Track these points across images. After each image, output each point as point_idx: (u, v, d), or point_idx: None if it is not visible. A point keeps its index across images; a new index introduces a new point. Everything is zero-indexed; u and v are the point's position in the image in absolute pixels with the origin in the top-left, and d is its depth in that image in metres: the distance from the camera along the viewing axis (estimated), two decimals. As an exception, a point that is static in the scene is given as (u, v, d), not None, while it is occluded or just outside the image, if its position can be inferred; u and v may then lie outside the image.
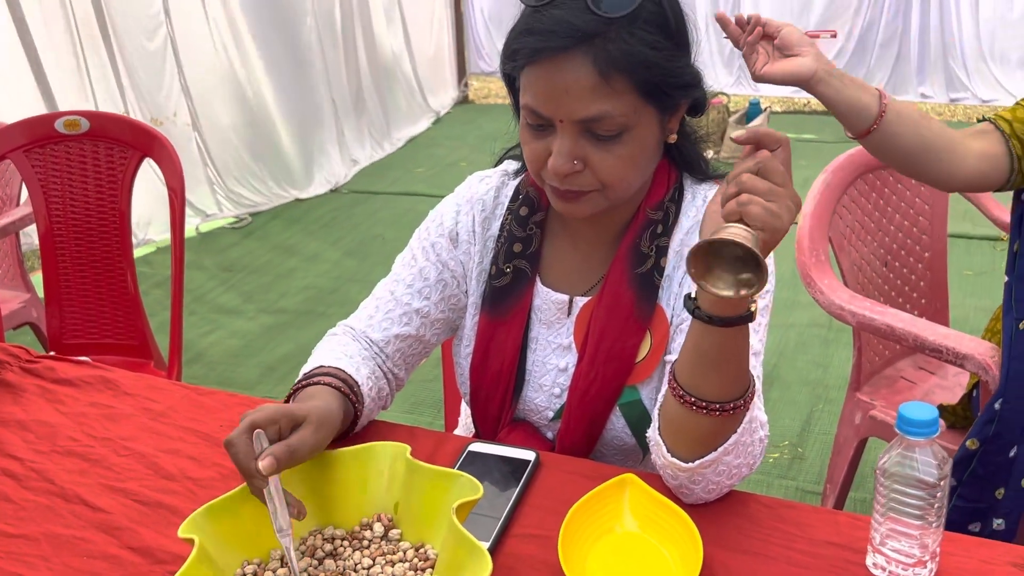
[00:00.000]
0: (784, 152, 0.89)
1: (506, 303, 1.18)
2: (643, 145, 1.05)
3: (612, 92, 0.99)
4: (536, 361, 1.19)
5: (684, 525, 0.93)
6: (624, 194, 1.09)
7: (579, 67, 0.98)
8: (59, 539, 1.02)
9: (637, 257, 1.13)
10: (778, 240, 0.86)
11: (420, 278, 1.21)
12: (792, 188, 0.87)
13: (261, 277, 3.83)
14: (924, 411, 0.84)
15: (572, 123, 1.01)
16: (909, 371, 1.98)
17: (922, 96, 6.00)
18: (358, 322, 1.22)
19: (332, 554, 0.94)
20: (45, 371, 1.36)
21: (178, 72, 4.23)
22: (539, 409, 1.20)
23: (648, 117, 1.04)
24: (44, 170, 2.04)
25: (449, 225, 1.22)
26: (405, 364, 1.23)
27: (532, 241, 1.19)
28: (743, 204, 0.85)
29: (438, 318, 1.22)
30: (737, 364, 0.94)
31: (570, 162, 1.03)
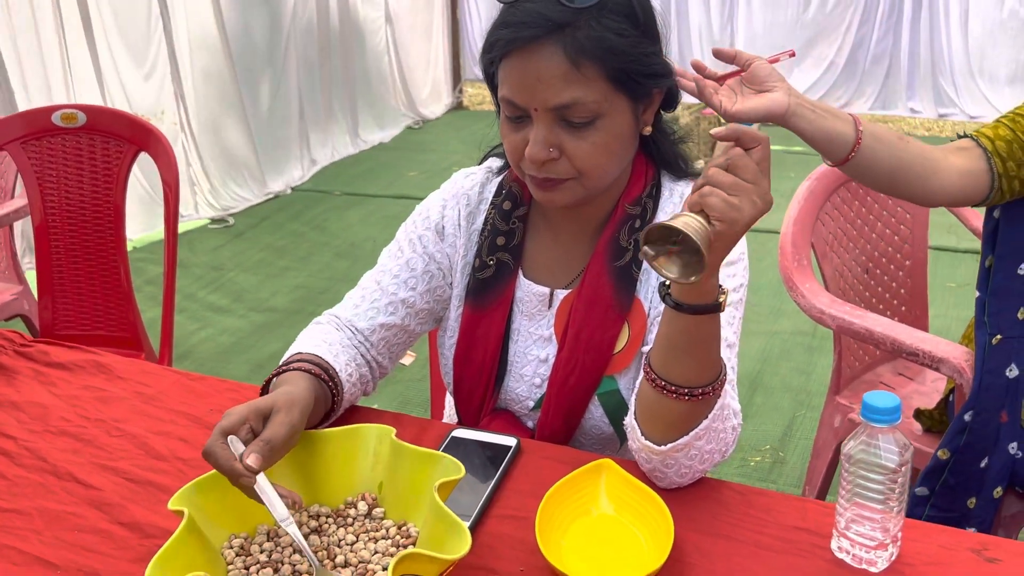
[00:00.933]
0: (761, 151, 0.92)
1: (489, 295, 1.22)
2: (616, 133, 1.09)
3: (583, 79, 1.04)
4: (518, 352, 1.23)
5: (657, 508, 0.96)
6: (600, 182, 1.12)
7: (551, 56, 1.03)
8: (51, 514, 1.05)
9: (616, 251, 1.17)
10: (737, 232, 0.89)
11: (407, 269, 1.25)
12: (764, 186, 0.91)
13: (252, 277, 3.86)
14: (887, 399, 0.88)
15: (546, 111, 1.05)
16: (888, 376, 2.02)
17: (911, 111, 6.08)
18: (344, 311, 1.25)
19: (317, 530, 0.97)
20: (39, 355, 1.39)
21: (170, 71, 4.25)
22: (520, 399, 1.23)
23: (620, 105, 1.08)
24: (40, 162, 2.07)
25: (435, 219, 1.26)
26: (389, 353, 1.27)
27: (515, 235, 1.23)
28: (704, 195, 0.89)
29: (423, 308, 1.26)
30: (706, 351, 0.98)
31: (546, 149, 1.07)
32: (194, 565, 0.84)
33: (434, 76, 6.56)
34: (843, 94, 6.17)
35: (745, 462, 2.51)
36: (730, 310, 1.12)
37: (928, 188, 1.35)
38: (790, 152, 5.38)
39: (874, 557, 0.91)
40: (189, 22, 4.34)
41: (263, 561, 0.92)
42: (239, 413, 0.95)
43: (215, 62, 4.52)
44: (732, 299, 1.13)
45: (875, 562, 0.91)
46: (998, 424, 1.48)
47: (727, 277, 1.13)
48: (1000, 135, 1.40)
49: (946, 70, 5.91)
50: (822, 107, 1.28)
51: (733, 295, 1.13)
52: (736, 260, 1.15)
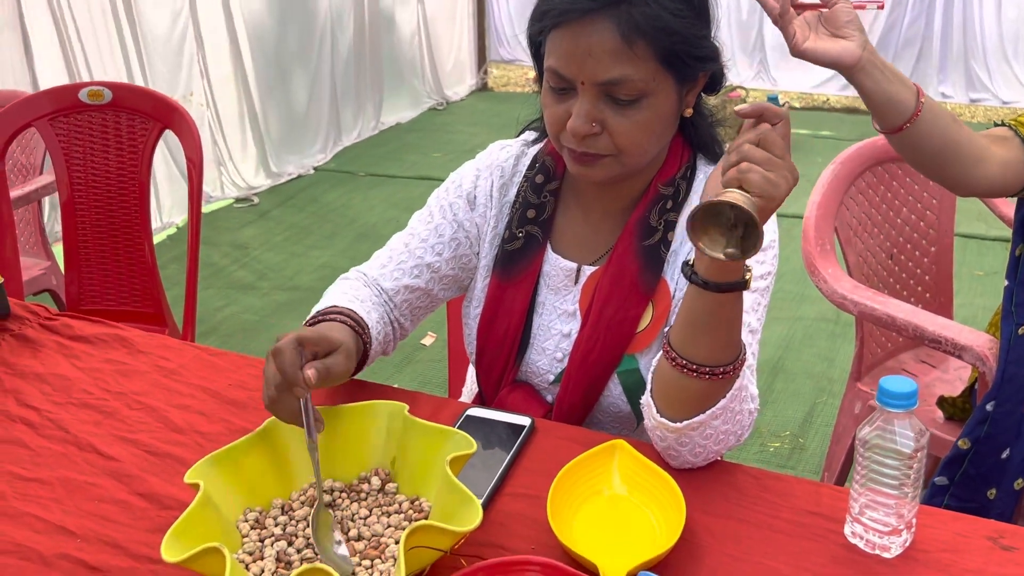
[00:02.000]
0: (784, 127, 0.93)
1: (516, 267, 1.23)
2: (660, 113, 1.09)
3: (633, 57, 1.03)
4: (541, 325, 1.23)
5: (670, 490, 0.96)
6: (638, 161, 1.12)
7: (603, 30, 1.02)
8: (72, 483, 1.07)
9: (646, 230, 1.17)
10: (773, 208, 0.90)
11: (435, 234, 1.26)
12: (791, 161, 0.91)
13: (275, 255, 3.88)
14: (903, 384, 0.87)
15: (592, 85, 1.05)
16: (911, 364, 2.00)
17: (942, 96, 5.98)
18: (371, 269, 1.26)
19: (331, 505, 0.98)
20: (63, 328, 1.41)
21: (197, 51, 4.27)
22: (540, 372, 1.23)
23: (666, 86, 1.08)
24: (67, 139, 2.09)
25: (468, 188, 1.27)
26: (412, 315, 1.28)
27: (545, 208, 1.23)
28: (743, 172, 0.89)
29: (447, 274, 1.27)
30: (727, 330, 0.97)
31: (588, 124, 1.07)
32: (209, 537, 0.85)
33: (458, 57, 6.54)
34: (873, 78, 6.07)
35: (764, 448, 2.51)
36: (755, 296, 1.11)
37: (970, 175, 1.32)
38: (817, 136, 5.33)
39: (888, 543, 0.91)
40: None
41: (277, 534, 0.93)
42: (314, 333, 0.99)
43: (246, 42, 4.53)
44: (759, 285, 1.12)
45: (889, 547, 0.91)
46: (1021, 415, 1.46)
47: (757, 263, 1.13)
48: None
49: (979, 53, 5.81)
50: (891, 69, 1.24)
51: (760, 281, 1.12)
52: (767, 247, 1.14)
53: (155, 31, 4.03)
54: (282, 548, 0.91)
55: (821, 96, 6.18)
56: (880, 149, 1.92)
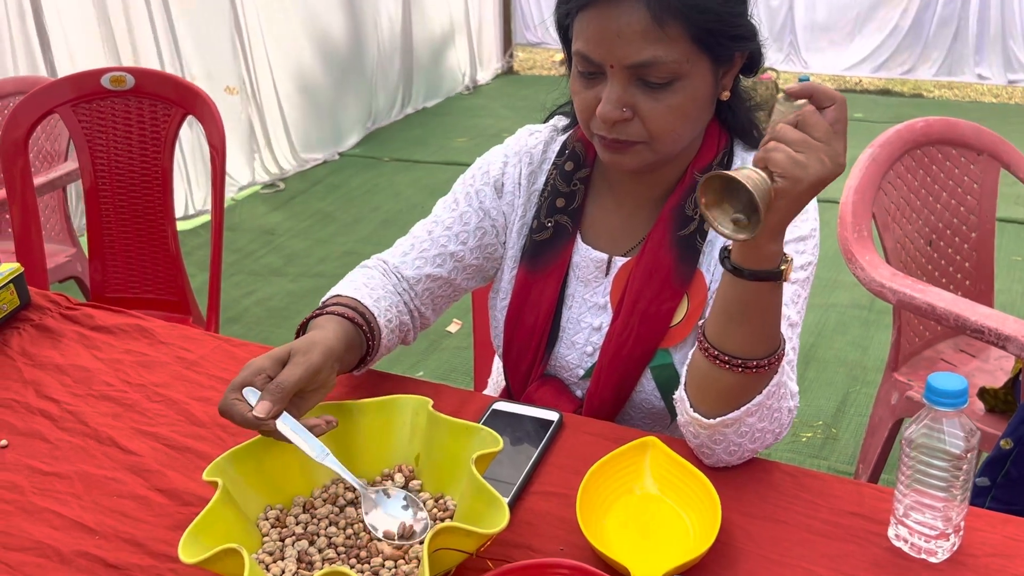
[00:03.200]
0: (837, 111, 0.87)
1: (545, 257, 1.18)
2: (694, 96, 1.03)
3: (665, 37, 0.98)
4: (571, 318, 1.19)
5: (704, 489, 0.93)
6: (672, 147, 1.07)
7: (632, 11, 0.98)
8: (91, 478, 1.05)
9: (680, 220, 1.12)
10: (801, 192, 0.85)
11: (460, 222, 1.21)
12: (836, 147, 0.85)
13: (301, 241, 3.87)
14: (953, 382, 0.82)
15: (622, 68, 1.00)
16: (949, 353, 1.94)
17: (979, 77, 5.84)
18: (392, 257, 1.22)
19: (353, 502, 0.95)
20: (84, 318, 1.39)
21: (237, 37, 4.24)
22: (570, 366, 1.20)
23: (701, 67, 1.02)
24: (90, 125, 2.07)
25: (495, 174, 1.22)
26: (433, 304, 1.23)
27: (575, 197, 1.18)
28: (768, 150, 0.84)
29: (471, 264, 1.23)
30: (763, 321, 0.93)
31: (619, 109, 1.02)
32: (228, 537, 0.83)
33: (485, 40, 6.48)
34: (907, 59, 5.95)
35: (797, 438, 2.46)
36: (795, 288, 1.07)
37: None
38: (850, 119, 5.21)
39: (934, 547, 0.87)
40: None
41: (298, 533, 0.91)
42: (255, 366, 0.92)
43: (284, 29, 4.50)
44: (799, 277, 1.07)
45: (935, 552, 0.87)
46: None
47: (796, 253, 1.08)
48: None
49: (1017, 34, 5.66)
50: None
51: (800, 272, 1.07)
52: (807, 236, 1.09)
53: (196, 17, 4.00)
54: (303, 548, 0.88)
55: (853, 78, 6.06)
56: (919, 132, 1.86)
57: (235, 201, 4.30)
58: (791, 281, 1.05)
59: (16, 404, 1.19)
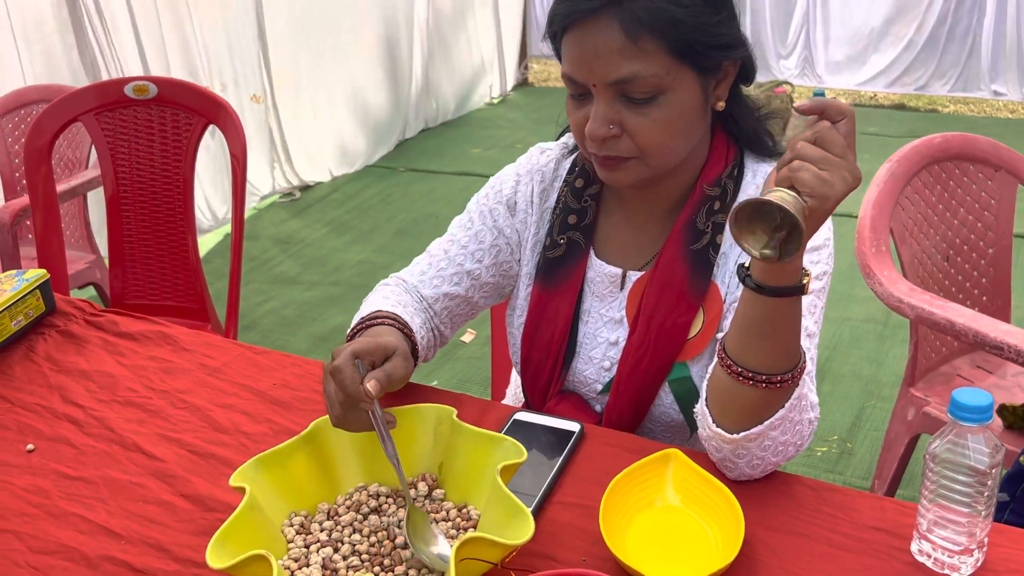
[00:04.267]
0: (848, 124, 0.88)
1: (559, 274, 1.19)
2: (681, 109, 1.04)
3: (641, 52, 1.00)
4: (587, 333, 1.20)
5: (727, 502, 0.93)
6: (665, 161, 1.08)
7: (607, 29, 1.00)
8: (116, 483, 1.06)
9: (693, 233, 1.13)
10: (828, 209, 0.85)
11: (475, 240, 1.23)
12: (852, 161, 0.86)
13: (316, 250, 3.89)
14: (978, 397, 0.83)
15: (605, 86, 1.02)
16: (966, 369, 1.94)
17: (995, 94, 5.82)
18: (410, 276, 1.24)
19: (377, 510, 0.96)
20: (108, 324, 1.40)
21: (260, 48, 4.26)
22: (588, 382, 1.20)
23: (685, 79, 1.03)
24: (113, 134, 2.09)
25: (508, 193, 1.24)
26: (451, 322, 1.25)
27: (587, 213, 1.19)
28: (794, 170, 0.85)
29: (488, 282, 1.24)
30: (785, 337, 0.93)
31: (605, 126, 1.03)
32: (254, 543, 0.84)
33: (501, 52, 6.50)
34: (922, 75, 5.94)
35: (812, 452, 2.45)
36: (811, 298, 1.07)
37: None
38: (865, 133, 5.20)
39: (958, 563, 0.87)
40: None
41: (323, 540, 0.91)
42: (368, 343, 0.97)
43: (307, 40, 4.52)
44: (815, 287, 1.08)
45: (958, 567, 0.87)
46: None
47: (811, 263, 1.08)
48: None
49: (1034, 50, 5.64)
50: None
51: (816, 283, 1.08)
52: (821, 246, 1.10)
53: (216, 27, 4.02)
54: (328, 555, 0.89)
55: (868, 93, 6.05)
56: (937, 147, 1.86)
57: (256, 210, 4.32)
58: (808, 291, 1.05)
59: (42, 409, 1.21)
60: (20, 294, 1.36)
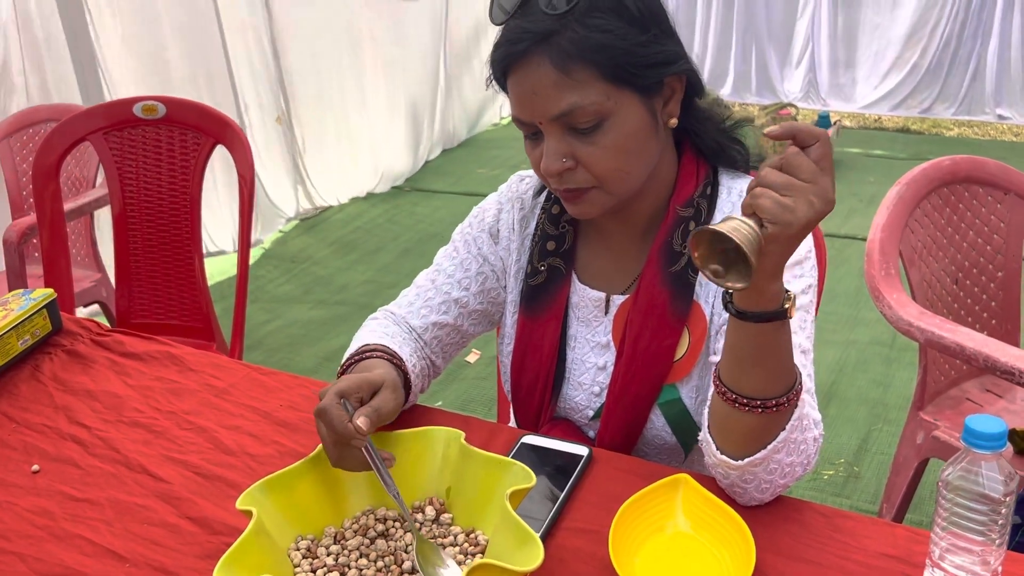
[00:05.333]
0: (820, 148, 0.86)
1: (541, 301, 1.19)
2: (628, 131, 1.04)
3: (576, 83, 1.00)
4: (575, 359, 1.20)
5: (737, 528, 0.92)
6: (625, 186, 1.07)
7: (539, 67, 1.01)
8: (121, 505, 1.05)
9: (670, 256, 1.13)
10: (793, 235, 0.84)
11: (461, 269, 1.24)
12: (824, 185, 0.84)
13: (321, 269, 3.89)
14: (992, 424, 0.82)
15: (550, 122, 1.03)
16: (975, 392, 1.92)
17: (999, 117, 5.84)
18: (398, 308, 1.24)
19: (384, 534, 0.95)
20: (114, 344, 1.40)
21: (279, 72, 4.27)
22: (579, 408, 1.20)
23: (627, 102, 1.03)
24: (121, 153, 2.10)
25: (490, 221, 1.25)
26: (443, 352, 1.25)
27: (565, 239, 1.20)
28: (755, 196, 0.84)
29: (476, 309, 1.24)
30: (777, 360, 0.93)
31: (558, 160, 1.04)
32: (261, 567, 0.83)
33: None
34: (926, 99, 5.96)
35: (818, 475, 2.44)
36: (800, 314, 1.06)
37: None
38: (870, 156, 5.23)
39: (972, 592, 0.86)
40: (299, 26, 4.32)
41: (329, 564, 0.90)
42: (353, 381, 0.97)
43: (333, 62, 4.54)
44: (802, 302, 1.07)
45: (972, 597, 0.86)
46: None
47: (793, 278, 1.07)
48: None
49: (1038, 74, 5.66)
50: None
51: (802, 297, 1.07)
52: (803, 259, 1.09)
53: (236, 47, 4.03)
54: (334, 580, 0.88)
55: (872, 116, 6.07)
56: (946, 170, 1.86)
57: (283, 233, 4.29)
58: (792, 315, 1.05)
59: (48, 429, 1.20)
60: (27, 313, 1.36)
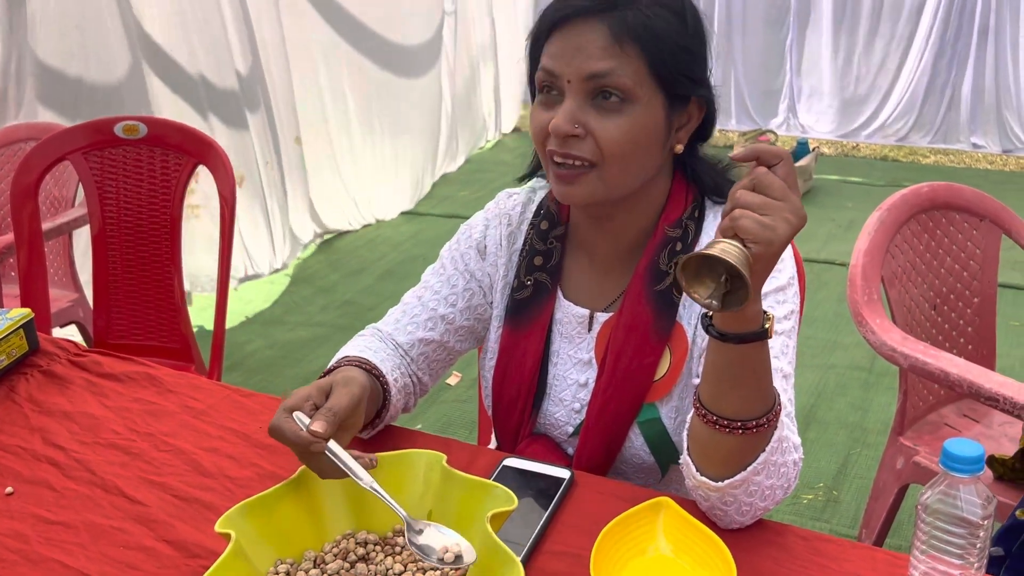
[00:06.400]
0: (785, 167, 0.88)
1: (526, 315, 1.20)
2: (644, 124, 1.06)
3: (623, 55, 1.03)
4: (557, 375, 1.20)
5: (718, 551, 0.92)
6: (620, 176, 1.08)
7: (595, 28, 1.04)
8: (97, 528, 1.04)
9: (655, 275, 1.14)
10: (775, 253, 0.85)
11: (448, 285, 1.24)
12: (795, 202, 0.87)
13: (301, 290, 3.88)
14: (970, 448, 0.83)
15: (580, 81, 1.04)
16: (953, 418, 1.94)
17: (974, 146, 5.93)
18: (385, 325, 1.25)
19: (364, 558, 0.94)
20: (92, 365, 1.39)
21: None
22: (559, 424, 1.20)
23: (654, 98, 1.06)
24: (101, 172, 2.09)
25: (478, 238, 1.25)
26: (429, 369, 1.25)
27: (552, 255, 1.21)
28: (735, 219, 0.85)
29: (462, 326, 1.25)
30: (756, 382, 0.93)
31: (571, 123, 1.05)
32: (239, 590, 0.82)
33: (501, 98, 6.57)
34: (903, 127, 6.05)
35: (798, 500, 2.44)
36: (782, 339, 1.07)
37: None
38: (847, 182, 5.29)
39: (951, 615, 0.86)
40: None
41: (309, 588, 0.89)
42: (301, 393, 0.97)
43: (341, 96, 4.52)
44: (784, 327, 1.08)
45: (952, 621, 0.86)
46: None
47: (776, 303, 1.09)
48: None
49: (1012, 105, 5.75)
50: None
51: (785, 323, 1.08)
52: (786, 285, 1.10)
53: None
54: (313, 604, 0.87)
55: (850, 143, 6.14)
56: (924, 197, 1.89)
57: (301, 260, 4.23)
58: (777, 332, 1.05)
59: (22, 451, 1.19)
60: (3, 333, 1.35)
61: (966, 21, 5.75)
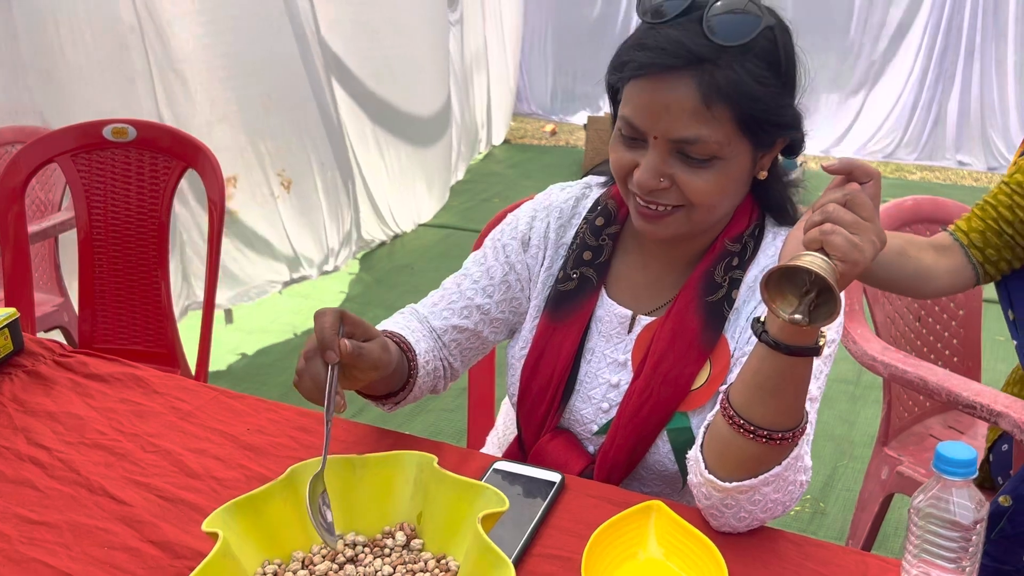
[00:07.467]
0: (874, 187, 0.89)
1: (568, 308, 1.19)
2: (730, 175, 1.06)
3: (711, 118, 1.00)
4: (589, 372, 1.19)
5: (710, 555, 0.92)
6: (707, 218, 1.09)
7: (683, 87, 1.00)
8: (81, 528, 1.02)
9: (709, 285, 1.13)
10: (856, 274, 0.85)
11: (486, 276, 1.24)
12: (878, 224, 0.87)
13: (289, 299, 3.86)
14: (963, 451, 0.83)
15: (665, 141, 1.02)
16: (938, 429, 1.95)
17: (959, 163, 5.99)
18: (422, 307, 1.26)
19: (353, 560, 0.93)
20: (78, 366, 1.37)
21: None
22: (584, 421, 1.19)
23: (741, 150, 1.05)
24: (89, 176, 2.07)
25: (523, 229, 1.25)
26: (461, 356, 1.26)
27: (602, 251, 1.20)
28: (826, 233, 0.84)
29: (497, 317, 1.25)
30: (793, 395, 0.93)
31: (656, 178, 1.04)
32: (226, 590, 0.81)
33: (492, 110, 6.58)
34: (889, 144, 6.10)
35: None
36: (819, 363, 1.07)
37: (924, 291, 1.50)
38: (834, 198, 5.32)
39: (943, 620, 0.86)
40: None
41: (296, 589, 0.88)
42: (358, 318, 0.99)
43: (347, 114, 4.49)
44: (825, 352, 1.07)
45: (943, 625, 0.86)
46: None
47: (827, 329, 1.06)
48: (973, 227, 1.52)
49: (997, 124, 5.82)
50: None
51: (825, 349, 1.08)
52: None
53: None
54: (301, 605, 0.86)
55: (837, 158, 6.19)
56: (908, 210, 1.90)
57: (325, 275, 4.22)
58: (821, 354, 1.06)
59: (5, 451, 1.17)
60: (-12, 333, 1.33)
61: (952, 41, 5.82)
